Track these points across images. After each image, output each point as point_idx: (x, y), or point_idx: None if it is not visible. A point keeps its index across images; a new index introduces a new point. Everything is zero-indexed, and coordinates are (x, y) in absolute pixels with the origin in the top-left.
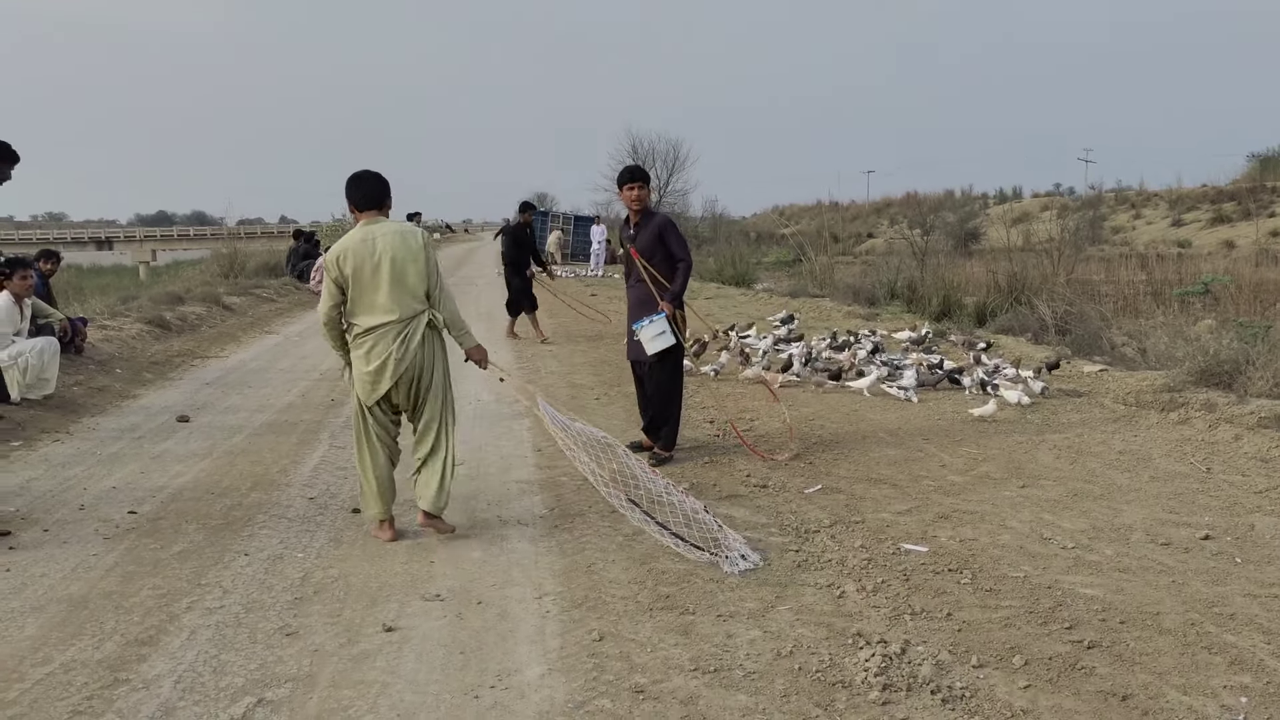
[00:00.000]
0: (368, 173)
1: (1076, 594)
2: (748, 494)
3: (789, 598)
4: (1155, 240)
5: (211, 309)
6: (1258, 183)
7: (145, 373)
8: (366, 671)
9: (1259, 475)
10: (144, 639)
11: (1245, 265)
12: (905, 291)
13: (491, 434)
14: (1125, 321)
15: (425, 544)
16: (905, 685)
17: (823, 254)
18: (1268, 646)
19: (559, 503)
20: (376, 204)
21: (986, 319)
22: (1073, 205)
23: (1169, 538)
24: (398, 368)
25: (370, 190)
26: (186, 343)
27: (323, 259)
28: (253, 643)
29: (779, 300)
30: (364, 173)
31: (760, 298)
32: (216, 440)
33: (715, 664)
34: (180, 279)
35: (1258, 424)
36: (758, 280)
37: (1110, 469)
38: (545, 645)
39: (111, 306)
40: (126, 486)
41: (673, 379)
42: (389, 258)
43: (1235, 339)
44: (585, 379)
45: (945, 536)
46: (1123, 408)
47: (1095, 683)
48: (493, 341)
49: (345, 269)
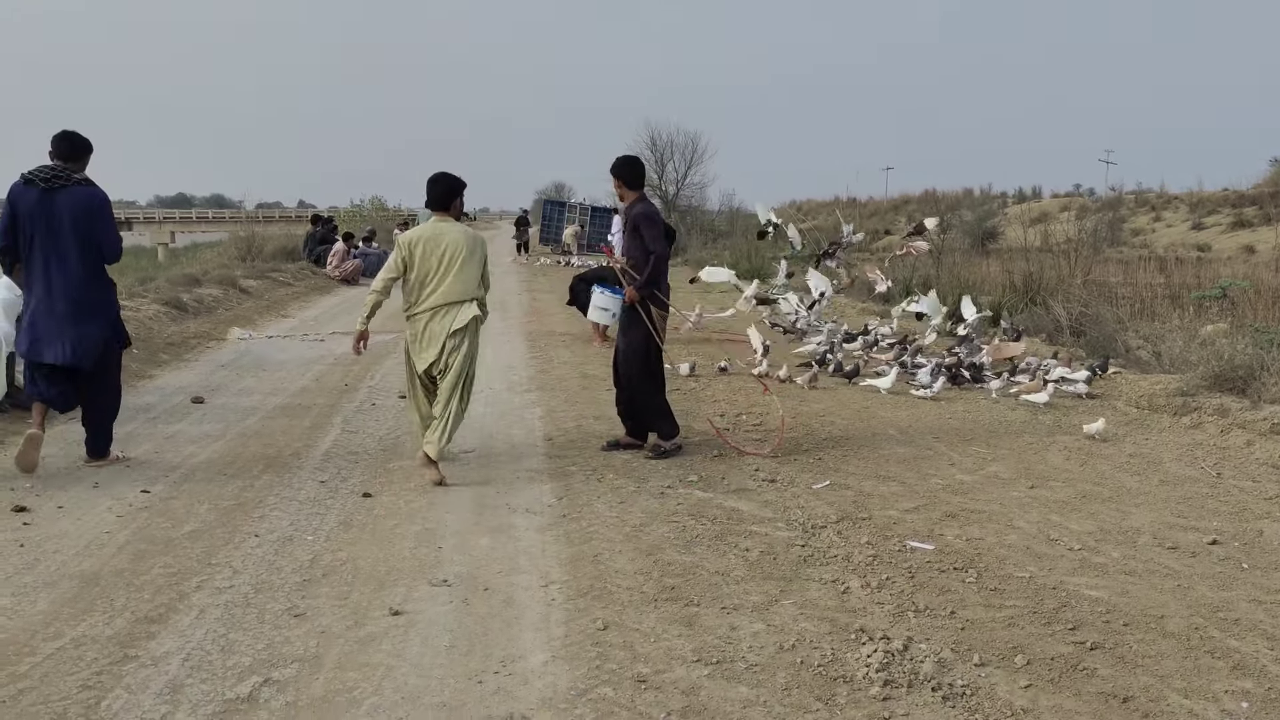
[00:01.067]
0: (438, 177)
1: (1081, 595)
2: (756, 488)
3: (793, 592)
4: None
5: (228, 291)
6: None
7: (161, 354)
8: (372, 654)
9: (1270, 481)
10: (154, 616)
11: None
12: (919, 290)
13: (503, 423)
14: (1141, 324)
15: (434, 530)
16: (906, 682)
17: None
18: (1271, 652)
19: (568, 492)
20: (443, 206)
21: (1001, 318)
22: (1092, 206)
23: (1176, 542)
24: (441, 343)
25: (436, 195)
26: (203, 325)
27: (339, 245)
28: (261, 623)
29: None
30: (436, 176)
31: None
32: (230, 422)
33: (718, 656)
34: (198, 261)
35: (1270, 430)
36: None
37: (1120, 471)
38: (550, 633)
39: (129, 287)
40: (140, 465)
41: (643, 377)
42: (452, 253)
43: (1251, 344)
44: (598, 370)
45: (952, 535)
46: (1135, 410)
47: (1097, 684)
48: (508, 332)
49: (415, 251)
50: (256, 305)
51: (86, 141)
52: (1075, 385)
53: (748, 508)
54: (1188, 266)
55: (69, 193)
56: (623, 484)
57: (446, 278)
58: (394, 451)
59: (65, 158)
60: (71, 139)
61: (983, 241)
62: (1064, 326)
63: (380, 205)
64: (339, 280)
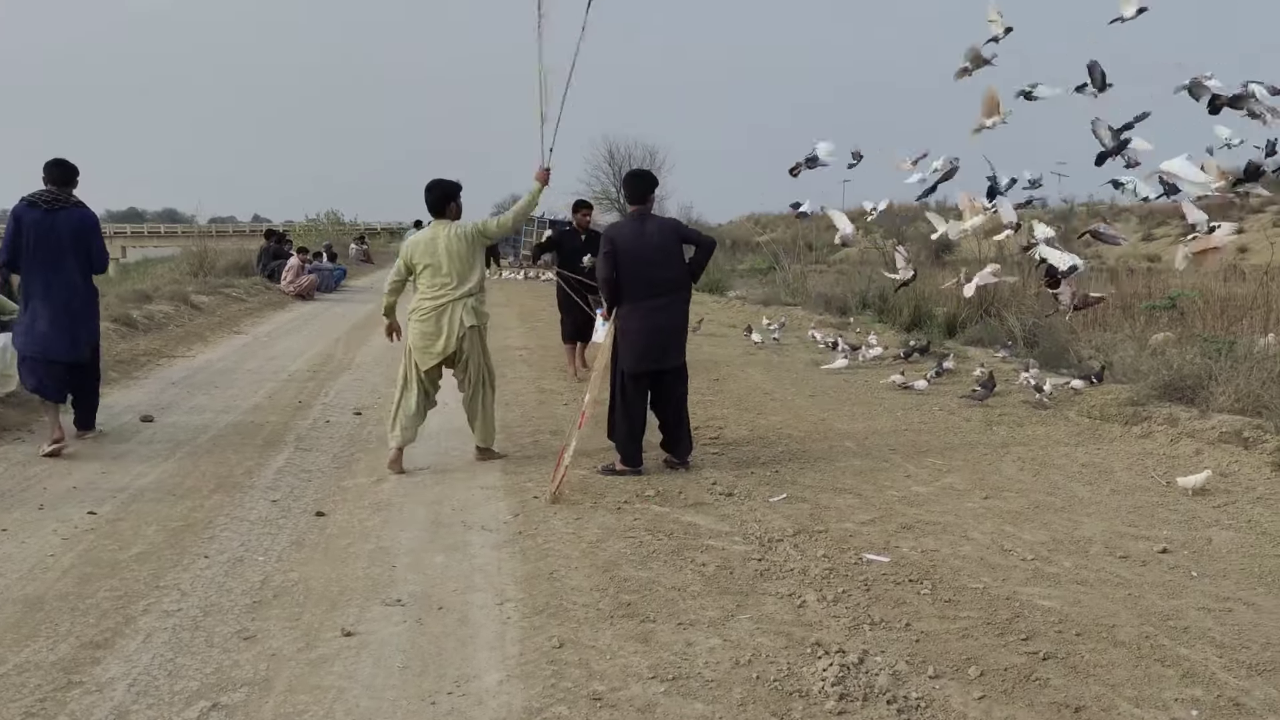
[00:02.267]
0: (432, 184)
1: (1034, 605)
2: (713, 502)
3: (750, 606)
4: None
5: (180, 308)
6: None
7: (110, 371)
8: (324, 676)
9: (1217, 490)
10: (99, 641)
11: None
12: (877, 301)
13: (458, 438)
14: (1093, 334)
15: (388, 548)
16: (862, 695)
17: (796, 262)
18: (1219, 660)
19: (524, 508)
20: (437, 212)
21: (957, 330)
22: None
23: (1127, 551)
24: (451, 336)
25: (432, 201)
26: (153, 342)
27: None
28: (209, 646)
29: (752, 308)
30: (430, 184)
31: (733, 305)
32: (180, 441)
33: (674, 672)
34: (149, 277)
35: (1219, 439)
36: (731, 288)
37: (1072, 481)
38: (505, 651)
39: None
40: (87, 486)
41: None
42: (449, 254)
43: (1199, 354)
44: (554, 384)
45: (907, 547)
46: (1087, 420)
47: (1049, 694)
48: None
49: (414, 254)
50: (209, 321)
51: (75, 168)
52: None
53: (705, 522)
54: (1138, 277)
55: (67, 213)
56: (579, 500)
57: (446, 276)
58: (348, 469)
59: (59, 182)
60: (64, 166)
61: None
62: (1018, 338)
63: (336, 220)
64: (293, 295)
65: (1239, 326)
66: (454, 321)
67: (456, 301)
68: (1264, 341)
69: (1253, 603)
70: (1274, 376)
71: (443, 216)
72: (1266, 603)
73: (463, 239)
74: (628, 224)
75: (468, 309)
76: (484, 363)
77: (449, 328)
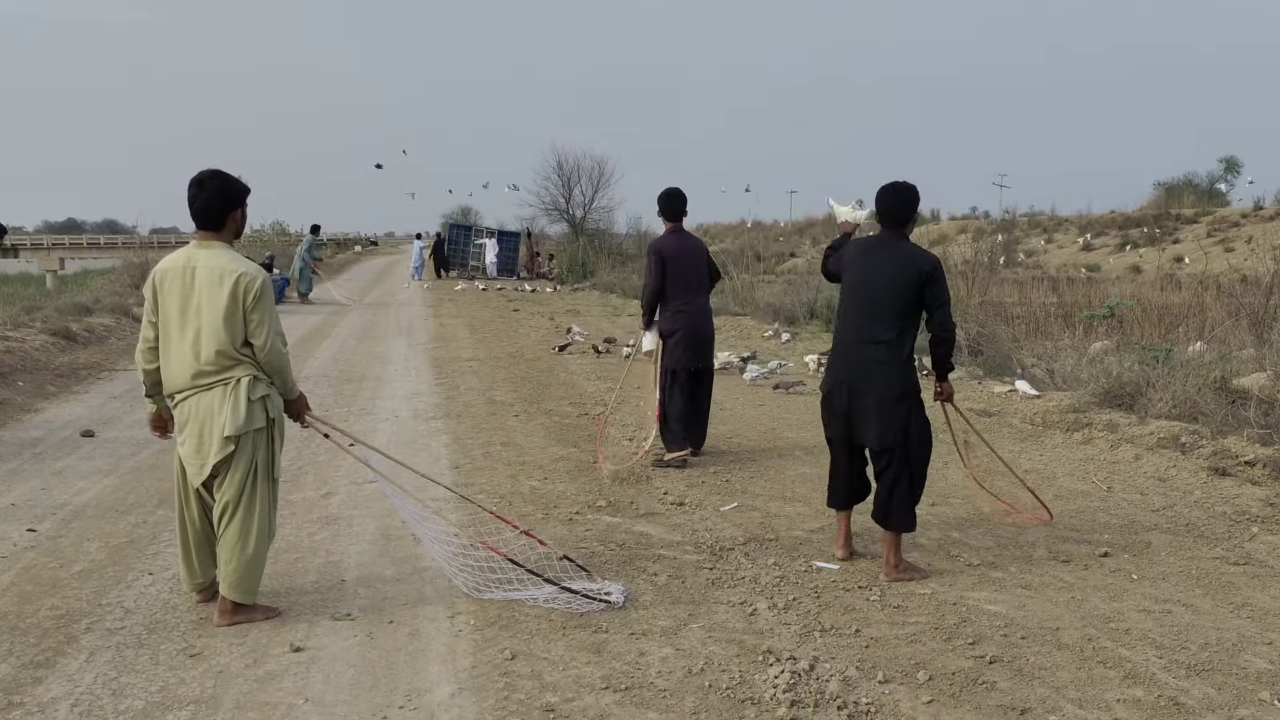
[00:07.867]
0: (202, 176)
1: (981, 610)
2: (664, 511)
3: (701, 615)
4: (1066, 263)
5: (121, 320)
6: (1163, 210)
7: (49, 385)
8: (272, 693)
9: (1156, 494)
10: (41, 661)
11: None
12: (825, 311)
13: (408, 451)
14: (1036, 343)
15: (337, 562)
16: (813, 701)
17: (744, 272)
18: (1160, 661)
19: (475, 521)
20: (207, 223)
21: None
22: (988, 228)
23: (1070, 555)
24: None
25: (198, 207)
26: (94, 355)
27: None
28: (155, 664)
29: None
30: (197, 176)
31: None
32: (122, 456)
33: (627, 682)
34: (89, 289)
35: (1157, 444)
36: None
37: (1016, 488)
38: (456, 665)
39: (15, 316)
40: (26, 503)
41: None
42: (199, 293)
43: (1137, 362)
44: (505, 395)
45: (856, 554)
46: (1030, 427)
47: (996, 697)
48: (412, 358)
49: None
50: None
51: None
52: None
53: (656, 531)
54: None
55: None
56: (530, 510)
57: (189, 333)
58: (296, 483)
59: None
60: None
61: None
62: (962, 346)
63: (282, 230)
64: None
65: (1175, 334)
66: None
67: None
68: (1193, 349)
69: (1190, 604)
70: (1208, 383)
71: (215, 235)
72: (1203, 604)
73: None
74: (669, 238)
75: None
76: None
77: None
